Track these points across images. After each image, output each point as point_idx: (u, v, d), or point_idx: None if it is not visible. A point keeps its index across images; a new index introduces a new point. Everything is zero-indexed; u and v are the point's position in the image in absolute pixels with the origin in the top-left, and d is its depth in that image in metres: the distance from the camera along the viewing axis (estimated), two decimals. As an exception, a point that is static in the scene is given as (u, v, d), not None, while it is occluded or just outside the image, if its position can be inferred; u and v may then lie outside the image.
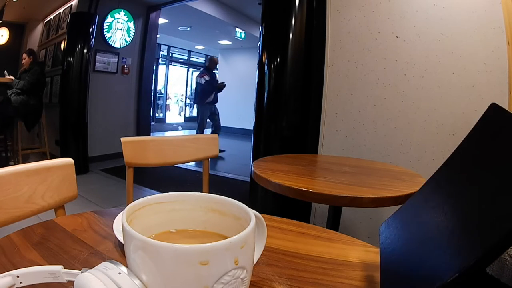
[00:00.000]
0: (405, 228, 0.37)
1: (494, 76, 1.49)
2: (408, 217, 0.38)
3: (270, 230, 0.46)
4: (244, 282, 0.29)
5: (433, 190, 0.37)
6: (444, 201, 0.34)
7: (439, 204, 0.34)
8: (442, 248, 0.27)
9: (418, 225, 0.35)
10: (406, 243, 0.34)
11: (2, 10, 4.09)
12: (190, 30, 7.28)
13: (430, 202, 0.36)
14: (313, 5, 1.85)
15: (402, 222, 0.38)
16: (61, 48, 3.90)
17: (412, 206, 0.39)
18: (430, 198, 0.37)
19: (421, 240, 0.32)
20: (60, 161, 0.69)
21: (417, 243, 0.32)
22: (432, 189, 0.37)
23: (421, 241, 0.32)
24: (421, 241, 0.31)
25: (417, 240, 0.32)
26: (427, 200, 0.37)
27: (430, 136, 1.65)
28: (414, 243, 0.32)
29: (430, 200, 0.36)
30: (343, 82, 1.84)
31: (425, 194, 0.38)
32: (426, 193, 0.38)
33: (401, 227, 0.38)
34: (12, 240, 0.45)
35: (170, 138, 1.16)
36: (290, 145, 1.88)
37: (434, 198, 0.36)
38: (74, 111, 3.70)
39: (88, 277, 0.26)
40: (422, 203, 0.38)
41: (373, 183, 0.97)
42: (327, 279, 0.41)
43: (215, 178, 3.74)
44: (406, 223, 0.37)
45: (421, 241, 0.31)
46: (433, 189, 0.37)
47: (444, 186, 0.36)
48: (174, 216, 0.36)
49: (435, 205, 0.34)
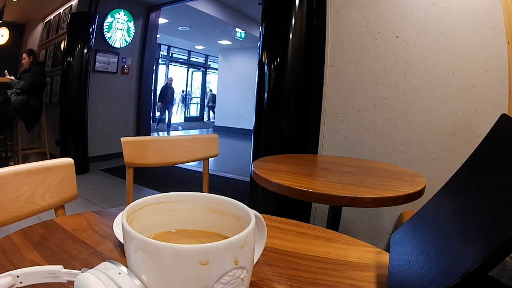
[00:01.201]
0: (415, 237, 0.37)
1: (494, 76, 1.49)
2: (419, 226, 0.39)
3: (270, 230, 0.46)
4: (244, 282, 0.29)
5: (445, 198, 0.37)
6: (453, 209, 0.34)
7: (448, 213, 0.34)
8: (447, 254, 0.27)
9: (428, 233, 0.35)
10: (414, 251, 0.34)
11: (2, 10, 4.09)
12: (190, 30, 7.29)
13: (440, 210, 0.36)
14: (313, 5, 1.85)
15: (413, 230, 0.39)
16: (61, 48, 3.90)
17: (424, 215, 0.39)
18: (441, 207, 0.37)
19: (429, 247, 0.32)
20: (60, 161, 0.68)
21: (426, 250, 0.32)
22: (443, 197, 0.38)
23: (429, 248, 0.32)
24: (429, 249, 0.32)
25: (426, 248, 0.33)
26: (438, 209, 0.37)
27: (430, 136, 1.65)
28: (422, 251, 0.33)
29: (441, 209, 0.37)
30: (343, 82, 1.84)
31: (437, 202, 0.38)
32: (438, 201, 0.38)
33: (411, 236, 0.38)
34: (12, 240, 0.45)
35: (170, 138, 1.16)
36: (290, 145, 1.88)
37: (445, 207, 0.36)
38: (74, 111, 3.70)
39: (88, 277, 0.26)
40: (433, 212, 0.38)
41: (373, 183, 0.97)
42: (327, 279, 0.41)
43: (215, 178, 3.74)
44: (416, 232, 0.37)
45: (429, 249, 0.32)
46: (444, 197, 0.37)
47: (454, 195, 0.36)
48: (174, 216, 0.36)
49: (445, 214, 0.35)
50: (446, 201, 0.37)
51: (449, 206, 0.35)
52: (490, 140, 0.36)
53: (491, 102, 1.51)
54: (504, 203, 0.26)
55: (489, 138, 0.37)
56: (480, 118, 1.54)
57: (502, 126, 0.35)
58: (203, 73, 12.62)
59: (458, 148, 1.59)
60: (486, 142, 0.37)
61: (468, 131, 1.57)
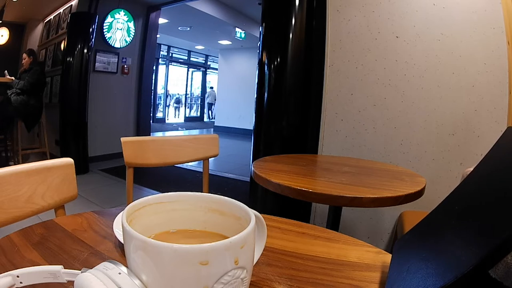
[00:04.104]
0: (415, 244, 0.37)
1: (494, 76, 1.49)
2: (421, 234, 0.39)
3: (270, 230, 0.46)
4: (244, 282, 0.29)
5: (448, 208, 0.38)
6: (455, 219, 0.34)
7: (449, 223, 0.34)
8: (447, 253, 0.28)
9: (429, 241, 0.35)
10: (413, 258, 0.34)
11: (2, 10, 4.09)
12: (190, 30, 7.28)
13: (442, 220, 0.37)
14: (313, 5, 1.85)
15: (414, 238, 0.39)
16: (61, 48, 3.90)
17: (426, 224, 0.40)
18: (443, 217, 0.37)
19: (428, 254, 0.32)
20: (60, 161, 0.68)
21: (425, 257, 0.32)
22: (446, 208, 0.38)
23: (428, 255, 0.32)
24: (428, 255, 0.32)
25: (425, 254, 0.33)
26: (441, 218, 0.38)
27: (430, 136, 1.65)
28: (421, 258, 0.33)
29: (443, 219, 0.37)
30: (343, 82, 1.84)
31: (440, 212, 0.38)
32: (441, 211, 0.38)
33: (412, 244, 0.38)
34: (12, 240, 0.45)
35: (170, 138, 1.16)
36: (290, 145, 1.88)
37: (447, 217, 0.36)
38: (74, 111, 3.70)
39: (88, 277, 0.26)
40: (435, 221, 0.38)
41: (373, 183, 0.97)
42: (327, 279, 0.41)
43: (215, 178, 3.74)
44: (418, 240, 0.38)
45: (428, 255, 0.32)
46: (447, 208, 0.38)
47: (457, 205, 0.36)
48: (174, 216, 0.36)
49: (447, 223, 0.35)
50: (448, 211, 0.37)
51: (451, 216, 0.35)
52: (495, 153, 0.36)
53: (491, 102, 1.51)
54: (502, 209, 0.26)
55: (494, 150, 0.37)
56: (480, 118, 1.54)
57: (507, 138, 0.36)
58: (203, 73, 12.62)
59: (458, 148, 1.59)
60: (492, 154, 0.37)
61: (468, 131, 1.57)
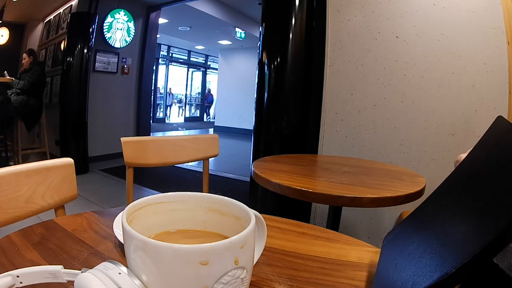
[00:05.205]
0: (405, 238, 0.37)
1: (494, 76, 1.49)
2: (411, 228, 0.39)
3: (270, 230, 0.46)
4: (244, 282, 0.29)
5: (438, 200, 0.38)
6: (445, 211, 0.34)
7: (440, 215, 0.34)
8: (447, 245, 0.28)
9: (418, 235, 0.35)
10: (402, 253, 0.34)
11: (2, 10, 4.09)
12: (190, 30, 7.28)
13: (433, 212, 0.37)
14: (313, 5, 1.85)
15: (404, 232, 0.39)
16: (61, 48, 3.90)
17: (416, 217, 0.39)
18: (433, 209, 0.37)
19: (416, 249, 0.32)
20: (60, 161, 0.68)
21: (412, 252, 0.32)
22: (436, 200, 0.38)
23: (416, 250, 0.32)
24: (416, 250, 0.32)
25: (413, 249, 0.33)
26: (431, 211, 0.37)
27: (430, 136, 1.65)
28: (409, 253, 0.33)
29: (433, 211, 0.37)
30: (343, 82, 1.84)
31: (430, 204, 0.38)
32: (431, 203, 0.38)
33: (402, 238, 0.38)
34: (12, 240, 0.45)
35: (170, 138, 1.16)
36: (290, 145, 1.88)
37: (437, 210, 0.36)
38: (74, 111, 3.69)
39: (88, 277, 0.26)
40: (425, 214, 0.38)
41: (373, 183, 0.97)
42: (327, 279, 0.41)
43: (215, 178, 3.74)
44: (407, 234, 0.38)
45: (416, 250, 0.32)
46: (437, 200, 0.38)
47: (447, 197, 0.36)
48: (174, 216, 0.36)
49: (437, 216, 0.35)
50: (439, 203, 0.37)
51: (442, 208, 0.35)
52: (485, 142, 0.36)
53: (491, 102, 1.51)
54: (493, 202, 0.26)
55: (484, 139, 0.37)
56: (480, 118, 1.54)
57: (497, 128, 0.36)
58: (203, 73, 12.62)
59: (458, 148, 1.59)
60: (481, 144, 0.37)
61: (468, 131, 1.57)
